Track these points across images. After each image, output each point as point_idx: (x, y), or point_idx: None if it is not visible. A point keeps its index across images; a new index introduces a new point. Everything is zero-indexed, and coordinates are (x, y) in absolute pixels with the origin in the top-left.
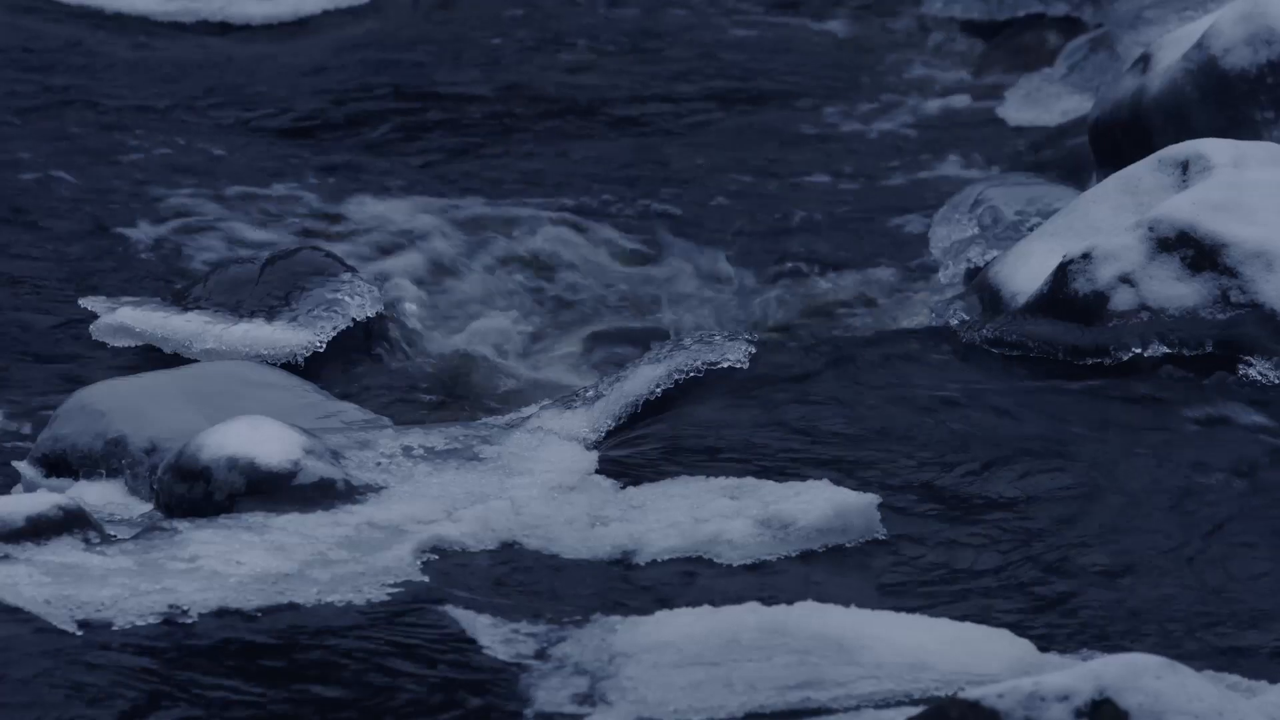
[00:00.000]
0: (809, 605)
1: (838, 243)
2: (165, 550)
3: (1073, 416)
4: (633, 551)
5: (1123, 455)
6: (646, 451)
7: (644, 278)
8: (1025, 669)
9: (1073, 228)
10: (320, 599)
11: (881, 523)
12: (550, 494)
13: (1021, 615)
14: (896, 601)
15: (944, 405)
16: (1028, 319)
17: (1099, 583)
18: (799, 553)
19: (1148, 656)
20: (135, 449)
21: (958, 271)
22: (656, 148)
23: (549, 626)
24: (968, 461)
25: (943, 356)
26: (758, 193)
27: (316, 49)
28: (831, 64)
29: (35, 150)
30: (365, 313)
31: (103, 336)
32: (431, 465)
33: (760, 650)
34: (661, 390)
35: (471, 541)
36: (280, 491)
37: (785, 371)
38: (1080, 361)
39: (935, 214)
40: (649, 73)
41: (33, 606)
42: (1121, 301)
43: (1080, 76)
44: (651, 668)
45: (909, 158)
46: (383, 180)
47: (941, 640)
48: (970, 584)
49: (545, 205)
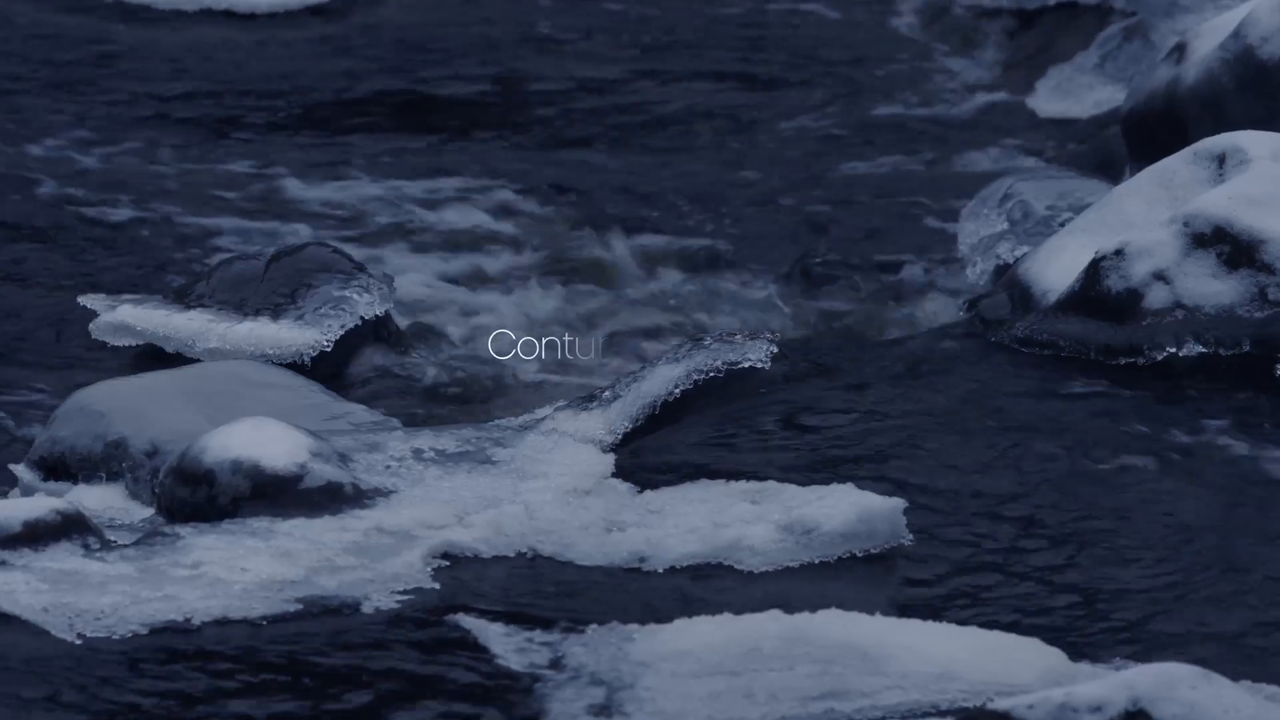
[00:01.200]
0: (833, 613)
1: (861, 239)
2: (167, 556)
3: (1105, 418)
4: (650, 557)
5: (1157, 459)
6: (665, 455)
7: (662, 276)
8: (1056, 679)
9: (1105, 223)
10: (327, 607)
11: (908, 528)
12: (565, 498)
13: (1052, 623)
14: (923, 609)
15: (972, 407)
16: (1059, 317)
17: (1132, 590)
18: (822, 559)
19: (1183, 666)
20: (136, 451)
21: (986, 268)
22: (672, 143)
23: (564, 635)
24: (996, 465)
25: (971, 356)
26: (777, 187)
27: (325, 37)
28: (854, 53)
29: (33, 141)
30: (374, 311)
31: (102, 335)
32: (442, 468)
33: (782, 660)
34: (680, 391)
35: (484, 547)
36: (286, 495)
37: (808, 371)
38: (1113, 361)
39: (963, 209)
40: (662, 65)
41: (30, 615)
42: (1156, 299)
43: (1113, 66)
44: (670, 677)
45: (935, 151)
46: (393, 175)
47: (970, 649)
48: (999, 591)
49: (561, 203)
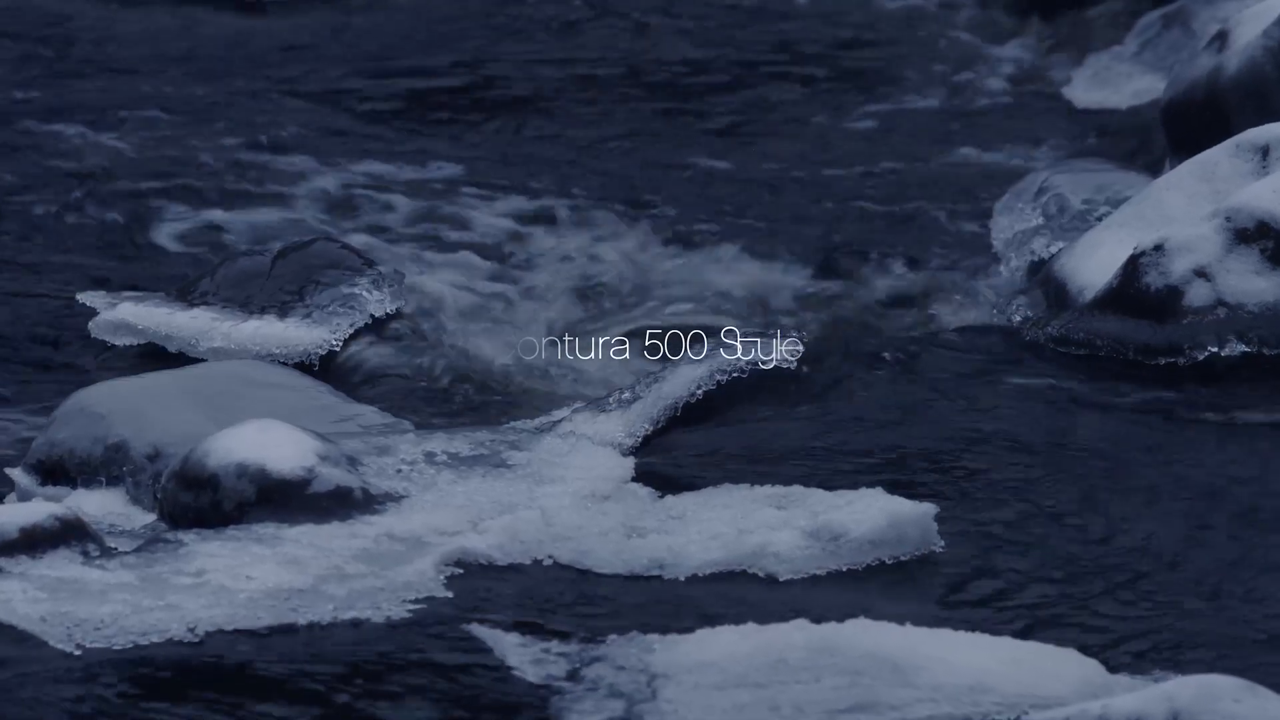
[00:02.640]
0: (861, 623)
1: (891, 234)
2: (169, 564)
3: (1143, 421)
4: (671, 565)
5: (1197, 463)
6: (686, 458)
7: (684, 273)
8: (1093, 691)
9: (1144, 217)
10: (336, 616)
11: (939, 534)
12: (583, 503)
13: (1089, 633)
14: (955, 619)
15: (1005, 409)
16: (1096, 315)
17: (1172, 598)
18: (850, 566)
19: (1225, 678)
20: (137, 455)
21: (1020, 265)
22: (693, 134)
23: (582, 646)
24: (1031, 469)
25: (1004, 356)
26: (803, 180)
27: (333, 26)
28: (882, 40)
29: (30, 132)
30: (384, 308)
31: (102, 334)
32: (456, 472)
33: (809, 671)
34: (703, 392)
35: (499, 554)
36: (293, 501)
37: (835, 372)
38: (1152, 361)
39: (996, 203)
40: (682, 52)
41: (27, 624)
42: (1197, 297)
43: (1153, 55)
44: (692, 690)
45: (968, 142)
46: (404, 167)
47: (1003, 660)
48: (1034, 600)
49: (578, 196)
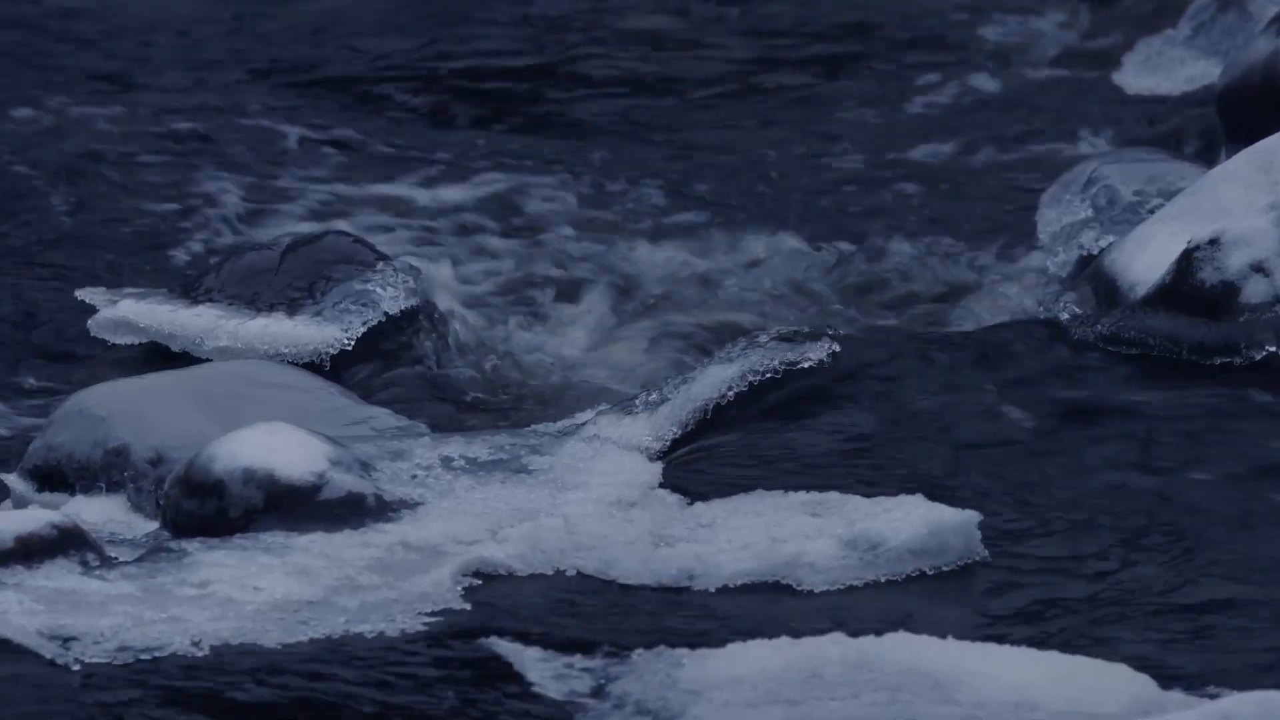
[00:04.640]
0: (900, 636)
1: (932, 227)
2: (173, 574)
3: (1197, 423)
4: (701, 575)
5: (1253, 468)
6: (717, 463)
7: (714, 269)
8: (1145, 708)
9: (1199, 209)
10: (348, 629)
11: (982, 543)
12: (608, 511)
13: (1140, 647)
14: (999, 632)
15: (1052, 411)
16: (1147, 313)
17: (1227, 611)
18: (889, 577)
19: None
20: (139, 459)
21: (1068, 259)
22: (722, 122)
23: (607, 660)
24: (1078, 474)
25: (1051, 355)
26: (840, 170)
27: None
28: (924, 22)
29: (28, 123)
30: (399, 306)
31: (103, 332)
32: (474, 478)
33: (845, 687)
34: (734, 394)
35: (519, 564)
36: (303, 508)
37: (873, 372)
38: (1207, 361)
39: (1043, 194)
40: (714, 37)
41: (23, 637)
42: (1254, 293)
43: (1207, 39)
44: (722, 707)
45: (1013, 130)
46: (419, 160)
47: (1050, 676)
48: (1082, 612)
49: (601, 191)
